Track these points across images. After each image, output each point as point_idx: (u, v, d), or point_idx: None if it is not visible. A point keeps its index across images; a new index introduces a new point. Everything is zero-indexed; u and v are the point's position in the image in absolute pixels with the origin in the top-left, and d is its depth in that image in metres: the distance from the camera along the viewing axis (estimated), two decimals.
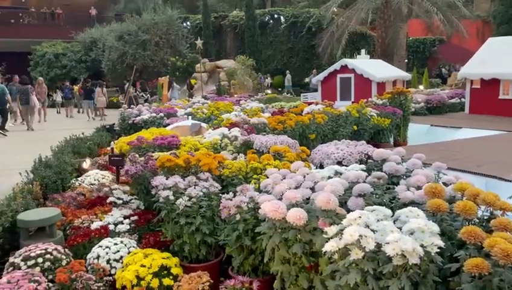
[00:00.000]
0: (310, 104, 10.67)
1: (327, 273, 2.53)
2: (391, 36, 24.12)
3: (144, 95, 22.92)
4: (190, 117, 9.61)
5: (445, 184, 3.23)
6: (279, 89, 30.84)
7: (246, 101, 13.47)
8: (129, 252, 3.47)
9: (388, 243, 2.16)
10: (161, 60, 28.63)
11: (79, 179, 5.82)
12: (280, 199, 2.87)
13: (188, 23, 34.38)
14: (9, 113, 14.84)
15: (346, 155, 4.13)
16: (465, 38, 25.98)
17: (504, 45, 13.22)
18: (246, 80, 26.68)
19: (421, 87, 19.83)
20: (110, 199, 4.85)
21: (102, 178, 5.98)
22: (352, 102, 13.44)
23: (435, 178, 3.55)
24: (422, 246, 2.17)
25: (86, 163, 6.46)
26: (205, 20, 32.74)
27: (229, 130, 6.07)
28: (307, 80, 28.90)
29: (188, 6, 40.17)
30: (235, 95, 19.92)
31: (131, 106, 12.75)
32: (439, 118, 12.47)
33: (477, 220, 2.58)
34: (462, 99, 14.31)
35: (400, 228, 2.35)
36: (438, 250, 2.17)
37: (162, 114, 9.86)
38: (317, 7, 32.39)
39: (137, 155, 4.60)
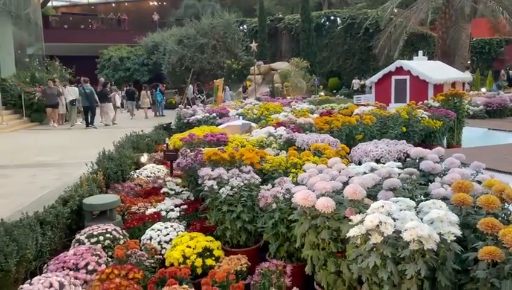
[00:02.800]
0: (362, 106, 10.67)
1: (352, 258, 2.72)
2: (452, 37, 23.12)
3: (201, 96, 23.82)
4: (241, 117, 10.00)
5: (479, 182, 3.28)
6: (334, 92, 30.67)
7: (296, 102, 13.67)
8: (177, 235, 3.84)
9: (406, 229, 2.32)
10: (217, 62, 29.56)
11: (137, 171, 6.37)
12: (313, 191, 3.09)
13: (245, 26, 35.14)
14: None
15: (384, 153, 4.25)
16: None
17: None
18: (299, 81, 26.80)
19: (484, 90, 18.90)
20: (164, 189, 5.31)
21: (158, 171, 6.50)
22: (408, 105, 13.20)
23: (472, 177, 3.58)
24: (439, 234, 2.31)
25: (144, 157, 7.02)
26: (261, 23, 33.35)
27: (275, 129, 6.34)
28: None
29: (245, 10, 41.02)
30: (288, 97, 20.16)
31: (187, 106, 13.41)
32: (498, 121, 11.93)
33: (503, 215, 2.65)
34: None
35: (422, 219, 2.49)
36: (454, 238, 2.30)
37: (214, 114, 10.33)
38: (375, 8, 31.79)
39: (188, 150, 5.00)
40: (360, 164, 4.53)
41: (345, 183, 3.31)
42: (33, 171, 7.48)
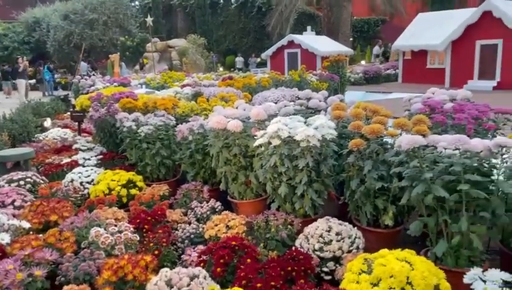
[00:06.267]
0: None
1: (258, 168, 3.36)
2: (336, 15, 25.23)
3: (95, 73, 22.77)
4: (144, 86, 10.12)
5: None
6: (232, 69, 31.44)
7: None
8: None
9: (297, 134, 3.00)
10: (110, 39, 28.34)
11: (42, 134, 6.31)
12: None
13: (137, 2, 34.02)
14: None
15: (280, 97, 4.97)
16: (404, 17, 27.69)
17: (431, 20, 14.63)
18: (197, 58, 27.02)
19: (363, 62, 21.20)
20: (76, 146, 5.43)
21: (64, 134, 6.50)
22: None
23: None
24: (322, 135, 3.04)
25: (47, 122, 6.92)
26: None
27: (181, 89, 6.75)
28: None
29: None
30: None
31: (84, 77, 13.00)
32: (374, 86, 13.72)
33: (367, 123, 3.48)
34: (397, 71, 15.69)
35: None
36: (332, 137, 3.06)
37: (116, 84, 10.27)
38: None
39: (99, 104, 5.19)
40: None
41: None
42: None
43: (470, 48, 14.22)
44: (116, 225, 2.84)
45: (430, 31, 13.83)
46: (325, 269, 2.57)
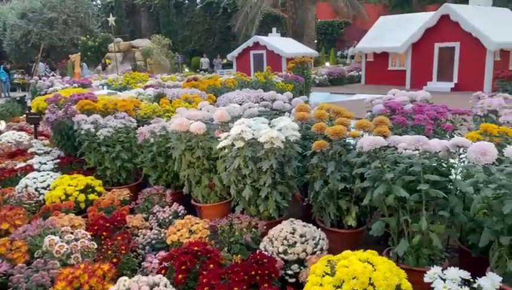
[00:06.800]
0: None
1: (222, 171, 3.30)
2: (300, 17, 25.51)
3: (55, 74, 21.97)
4: (105, 87, 9.84)
5: None
6: (197, 70, 31.16)
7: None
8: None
9: (261, 135, 2.97)
10: (70, 39, 27.54)
11: None
12: None
13: (99, 1, 33.20)
14: None
15: (245, 98, 4.94)
16: (366, 20, 28.34)
17: (392, 23, 15.05)
18: (162, 59, 26.62)
19: (328, 64, 21.53)
20: (31, 149, 5.19)
21: (20, 137, 6.20)
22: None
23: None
24: (286, 137, 3.02)
25: (1, 125, 6.59)
26: None
27: (144, 90, 6.59)
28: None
29: None
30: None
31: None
32: (338, 88, 13.95)
33: (330, 124, 3.49)
34: (360, 72, 16.02)
35: None
36: (296, 138, 3.04)
37: (76, 85, 9.92)
38: None
39: (56, 106, 4.97)
40: None
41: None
42: None
43: (429, 50, 14.74)
44: (72, 233, 2.72)
45: (392, 34, 14.26)
46: (289, 272, 2.54)
